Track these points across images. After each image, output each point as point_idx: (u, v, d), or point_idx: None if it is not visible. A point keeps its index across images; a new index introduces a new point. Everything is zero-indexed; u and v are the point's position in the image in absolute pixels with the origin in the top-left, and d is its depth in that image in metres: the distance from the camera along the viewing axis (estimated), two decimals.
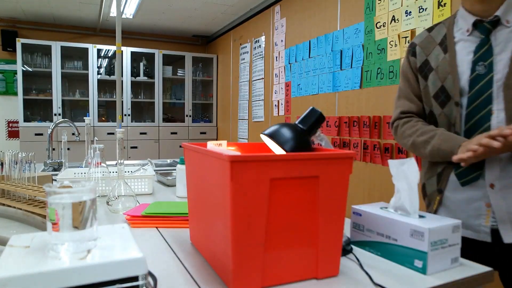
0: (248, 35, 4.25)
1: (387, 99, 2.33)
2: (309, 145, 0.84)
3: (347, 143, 2.67)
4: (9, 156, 1.20)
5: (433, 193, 1.15)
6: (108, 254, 0.55)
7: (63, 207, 0.55)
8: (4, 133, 4.67)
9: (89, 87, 4.54)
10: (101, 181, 1.34)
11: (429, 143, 1.08)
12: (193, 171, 0.88)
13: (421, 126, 1.13)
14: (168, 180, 1.73)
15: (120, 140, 1.20)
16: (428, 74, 1.14)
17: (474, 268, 0.82)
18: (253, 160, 0.65)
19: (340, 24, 2.76)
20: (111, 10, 4.11)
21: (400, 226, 0.82)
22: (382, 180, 2.37)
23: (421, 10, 2.09)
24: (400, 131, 1.19)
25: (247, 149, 0.98)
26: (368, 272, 0.78)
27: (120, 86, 2.66)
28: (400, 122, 1.21)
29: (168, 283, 0.72)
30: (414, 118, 1.18)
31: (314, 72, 3.04)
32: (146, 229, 1.07)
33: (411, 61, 1.20)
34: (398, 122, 1.22)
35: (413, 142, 1.14)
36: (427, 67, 1.15)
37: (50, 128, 2.29)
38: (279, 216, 0.70)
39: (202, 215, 0.83)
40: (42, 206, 1.09)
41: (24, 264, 0.51)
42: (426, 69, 1.15)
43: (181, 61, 5.15)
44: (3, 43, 4.46)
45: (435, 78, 1.12)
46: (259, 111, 3.96)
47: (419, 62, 1.17)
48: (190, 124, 5.12)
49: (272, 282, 0.71)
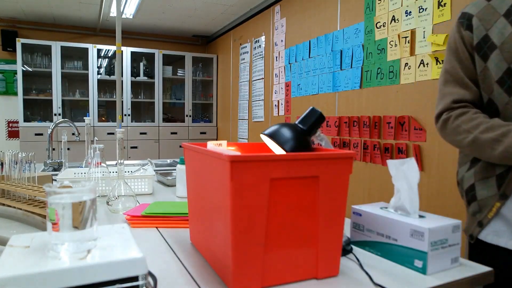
0: (248, 35, 4.25)
1: (387, 99, 2.33)
2: (309, 145, 0.84)
3: (347, 143, 2.67)
4: (9, 156, 1.20)
5: (489, 198, 0.94)
6: (108, 254, 0.55)
7: (63, 207, 0.55)
8: (4, 133, 4.67)
9: (89, 87, 4.54)
10: (101, 181, 1.34)
11: (500, 142, 0.86)
12: (193, 171, 0.88)
13: (484, 119, 0.91)
14: (168, 180, 1.73)
15: (120, 140, 1.20)
16: (489, 54, 0.92)
17: (474, 268, 0.82)
18: (253, 160, 0.65)
19: (340, 24, 2.76)
20: (111, 10, 4.11)
21: (400, 226, 0.82)
22: (382, 180, 2.37)
23: (421, 10, 2.09)
24: (453, 125, 0.96)
25: (247, 149, 0.98)
26: (368, 272, 0.78)
27: (120, 86, 2.66)
28: (453, 113, 0.97)
29: (168, 283, 0.72)
30: (471, 109, 0.96)
31: (314, 72, 3.04)
32: (146, 229, 1.07)
33: (465, 36, 0.97)
34: (449, 113, 0.98)
35: (474, 140, 0.91)
36: (488, 44, 0.93)
37: (50, 128, 2.29)
38: (279, 216, 0.70)
39: (202, 215, 0.83)
40: (42, 206, 1.09)
41: (24, 264, 0.51)
42: (486, 47, 0.93)
43: (181, 61, 5.15)
44: (3, 43, 4.46)
45: (500, 58, 0.90)
46: (259, 111, 3.96)
47: (477, 38, 0.94)
48: (190, 124, 5.12)
49: (272, 282, 0.71)
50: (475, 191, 0.97)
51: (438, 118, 1.01)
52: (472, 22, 0.96)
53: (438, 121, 1.01)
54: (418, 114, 2.11)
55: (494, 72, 0.91)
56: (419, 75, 2.10)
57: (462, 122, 0.94)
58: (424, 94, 2.08)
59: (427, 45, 2.06)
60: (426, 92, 2.06)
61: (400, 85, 2.23)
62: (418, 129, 2.11)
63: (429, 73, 2.04)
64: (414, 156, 2.11)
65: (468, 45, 0.97)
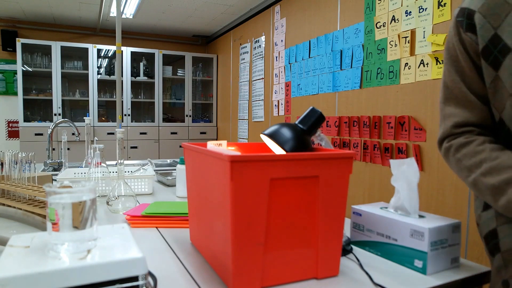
0: (248, 35, 4.25)
1: (387, 99, 2.33)
2: (309, 145, 0.84)
3: (347, 143, 2.67)
4: (9, 156, 1.20)
5: None
6: (108, 254, 0.55)
7: (63, 207, 0.55)
8: (4, 133, 4.67)
9: (89, 87, 4.54)
10: (101, 181, 1.34)
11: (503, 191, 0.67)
12: (193, 171, 0.88)
13: (490, 154, 0.71)
14: (168, 180, 1.73)
15: (120, 140, 1.20)
16: (501, 59, 0.70)
17: (474, 268, 0.82)
18: (253, 160, 0.65)
19: (340, 24, 2.76)
20: (111, 10, 4.11)
21: (400, 226, 0.82)
22: (382, 180, 2.37)
23: (421, 10, 2.09)
24: (455, 158, 0.78)
25: (247, 149, 0.98)
26: (368, 272, 0.78)
27: (120, 86, 2.66)
28: (454, 143, 0.78)
29: (168, 283, 0.72)
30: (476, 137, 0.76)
31: (314, 72, 3.04)
32: (146, 229, 1.07)
33: (466, 40, 0.75)
34: (450, 141, 0.80)
35: (475, 183, 0.73)
36: (499, 47, 0.70)
37: (50, 128, 2.29)
38: (279, 216, 0.70)
39: (202, 215, 0.83)
40: (42, 206, 1.09)
41: (24, 264, 0.51)
42: (496, 50, 0.71)
43: (181, 61, 5.15)
44: (3, 43, 4.46)
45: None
46: (259, 111, 3.96)
47: (483, 40, 0.72)
48: (190, 124, 5.12)
49: (272, 282, 0.71)
50: (498, 239, 0.74)
51: (440, 145, 0.84)
52: (475, 21, 0.74)
53: (440, 148, 0.84)
54: (418, 114, 2.11)
55: (509, 82, 0.69)
56: (419, 75, 2.10)
57: (464, 157, 0.76)
58: (424, 94, 2.08)
59: (427, 45, 2.06)
60: (426, 92, 2.06)
61: (400, 85, 2.23)
62: (418, 129, 2.11)
63: (429, 73, 2.04)
64: (414, 156, 2.11)
65: (472, 51, 0.75)
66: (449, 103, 0.80)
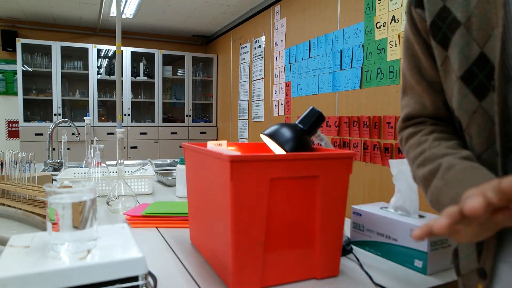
0: (248, 35, 4.25)
1: (387, 99, 2.33)
2: (309, 145, 0.84)
3: (347, 143, 2.67)
4: (9, 156, 1.20)
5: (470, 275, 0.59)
6: (108, 254, 0.55)
7: (63, 207, 0.55)
8: (4, 133, 4.67)
9: (89, 87, 4.54)
10: (101, 181, 1.34)
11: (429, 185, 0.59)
12: (193, 171, 0.88)
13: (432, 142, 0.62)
14: (168, 180, 1.73)
15: (120, 140, 1.20)
16: (450, 36, 0.57)
17: None
18: (253, 160, 0.65)
19: (340, 24, 2.76)
20: (111, 10, 4.11)
21: (400, 226, 0.82)
22: (382, 180, 2.37)
23: None
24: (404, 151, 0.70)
25: (247, 149, 0.98)
26: (368, 272, 0.78)
27: (120, 86, 2.66)
28: (404, 134, 0.70)
29: (168, 283, 0.72)
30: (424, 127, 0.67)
31: (314, 72, 3.04)
32: (146, 229, 1.07)
33: (416, 18, 0.64)
34: (401, 134, 0.72)
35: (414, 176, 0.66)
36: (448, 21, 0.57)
37: (50, 128, 2.29)
38: (279, 216, 0.70)
39: (202, 215, 0.83)
40: (42, 206, 1.09)
41: (24, 264, 0.51)
42: (445, 26, 0.58)
43: (181, 61, 5.15)
44: (3, 43, 4.46)
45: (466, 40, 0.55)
46: (259, 111, 3.96)
47: (431, 15, 0.60)
48: (190, 124, 5.12)
49: (272, 282, 0.71)
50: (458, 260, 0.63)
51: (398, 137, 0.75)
52: None
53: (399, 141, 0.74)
54: None
55: (457, 63, 0.56)
56: None
57: (409, 149, 0.67)
58: None
59: None
60: None
61: (400, 85, 2.23)
62: None
63: None
64: None
65: (422, 30, 0.64)
66: (406, 93, 0.72)
